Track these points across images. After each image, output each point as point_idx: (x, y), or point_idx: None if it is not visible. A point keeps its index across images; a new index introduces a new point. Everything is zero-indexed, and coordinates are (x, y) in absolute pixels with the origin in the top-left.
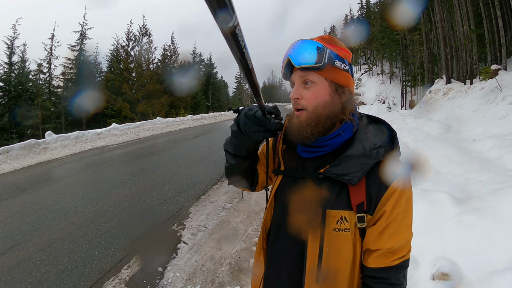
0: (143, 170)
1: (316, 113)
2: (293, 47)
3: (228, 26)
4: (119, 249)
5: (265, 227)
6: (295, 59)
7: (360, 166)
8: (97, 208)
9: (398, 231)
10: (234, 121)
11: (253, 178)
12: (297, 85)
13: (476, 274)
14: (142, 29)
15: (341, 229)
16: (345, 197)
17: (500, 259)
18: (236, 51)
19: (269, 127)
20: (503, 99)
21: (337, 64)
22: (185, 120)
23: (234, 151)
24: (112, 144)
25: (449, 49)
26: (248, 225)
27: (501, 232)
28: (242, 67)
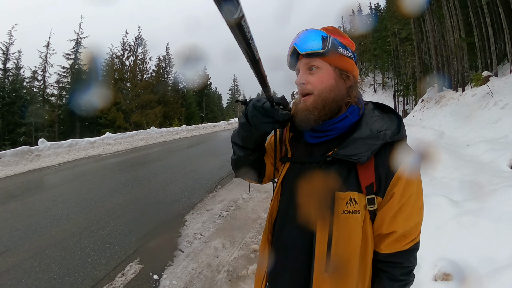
0: (137, 179)
1: (322, 96)
2: (298, 36)
3: (233, 17)
4: (113, 257)
5: (271, 217)
6: (300, 47)
7: (368, 147)
8: (90, 215)
9: (411, 214)
10: (242, 113)
11: (261, 169)
12: (303, 71)
13: (478, 272)
14: (138, 39)
15: (351, 211)
16: (353, 179)
17: (503, 256)
18: (243, 43)
19: (278, 118)
20: (495, 104)
21: (341, 50)
22: (179, 130)
23: (242, 143)
24: (105, 153)
25: (441, 58)
26: (245, 232)
27: (500, 230)
28: (249, 59)
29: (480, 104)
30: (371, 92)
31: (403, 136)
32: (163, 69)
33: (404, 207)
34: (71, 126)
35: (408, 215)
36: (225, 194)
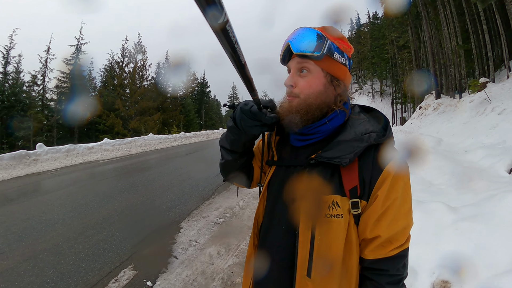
0: (134, 185)
1: (307, 101)
2: (295, 33)
3: (218, 22)
4: (107, 263)
5: (257, 221)
6: (294, 46)
7: (352, 149)
8: (85, 220)
9: (396, 218)
10: (230, 117)
11: (249, 174)
12: (293, 72)
13: (477, 278)
14: (137, 46)
15: (333, 215)
16: (337, 182)
17: (502, 262)
18: (228, 47)
19: (265, 122)
20: (493, 110)
21: (336, 56)
22: (178, 137)
23: (230, 147)
24: (103, 159)
25: (438, 65)
26: (241, 240)
27: (499, 235)
28: (235, 63)
29: (477, 110)
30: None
31: (388, 138)
32: (162, 76)
33: (389, 211)
34: (70, 131)
35: (393, 219)
36: (222, 201)
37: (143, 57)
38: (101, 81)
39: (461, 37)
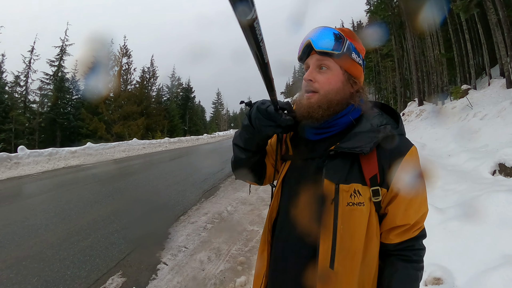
0: (119, 190)
1: (327, 97)
2: (315, 31)
3: (246, 18)
4: (93, 270)
5: (271, 217)
6: (315, 42)
7: (370, 139)
8: (70, 226)
9: (420, 205)
10: (246, 115)
11: (261, 171)
12: (312, 68)
13: (468, 275)
14: (123, 49)
15: (355, 203)
16: (357, 171)
17: (490, 258)
18: (253, 44)
19: (280, 123)
20: (475, 116)
21: (353, 56)
22: (162, 142)
23: (244, 145)
24: (86, 164)
25: (421, 73)
26: (231, 245)
27: (486, 233)
28: (258, 61)
29: (460, 116)
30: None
31: (402, 131)
32: (147, 80)
33: (414, 200)
34: (52, 135)
35: (419, 206)
36: (209, 206)
37: (128, 61)
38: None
39: (443, 46)
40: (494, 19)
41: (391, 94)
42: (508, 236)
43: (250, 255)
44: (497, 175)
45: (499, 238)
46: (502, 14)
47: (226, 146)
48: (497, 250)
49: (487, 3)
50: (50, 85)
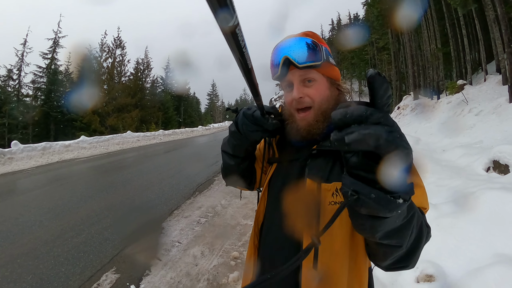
0: (113, 185)
1: (322, 108)
2: (288, 45)
3: (228, 25)
4: (88, 266)
5: (258, 220)
6: (295, 58)
7: None
8: (63, 222)
9: None
10: (233, 121)
11: (251, 177)
12: (298, 84)
13: (460, 272)
14: (116, 41)
15: (337, 202)
16: (339, 169)
17: (483, 256)
18: (236, 51)
19: (267, 128)
20: (470, 111)
21: (331, 60)
22: (156, 135)
23: (232, 152)
24: (80, 157)
25: (417, 67)
26: (224, 239)
27: (479, 231)
28: (242, 67)
29: (455, 111)
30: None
31: None
32: (141, 72)
33: None
34: (46, 129)
35: None
36: (203, 200)
37: (122, 52)
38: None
39: (440, 41)
40: (492, 15)
41: None
42: (501, 235)
43: (244, 250)
44: (491, 172)
45: (491, 236)
46: (500, 11)
47: (221, 138)
48: (489, 248)
49: None
50: (43, 78)
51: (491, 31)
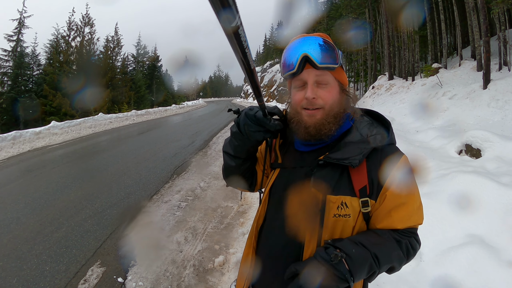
0: (88, 171)
1: (333, 111)
2: (308, 43)
3: (231, 26)
4: (72, 262)
5: (257, 224)
6: (316, 58)
7: (360, 151)
8: (42, 217)
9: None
10: (234, 122)
11: (252, 178)
12: (312, 85)
13: (434, 252)
14: (85, 18)
15: (341, 215)
16: (345, 182)
17: (456, 236)
18: (239, 51)
19: (269, 128)
20: (444, 94)
21: (343, 66)
22: (129, 116)
23: (234, 153)
24: (52, 144)
25: (392, 48)
26: (206, 223)
27: (451, 212)
28: (244, 67)
29: (429, 94)
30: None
31: (392, 140)
32: (111, 50)
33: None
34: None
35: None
36: (182, 183)
37: (91, 30)
38: (46, 58)
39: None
40: (471, 3)
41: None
42: (472, 217)
43: (226, 233)
44: (463, 155)
45: (463, 218)
46: (480, 0)
47: (195, 117)
48: (461, 229)
49: None
50: (9, 62)
51: (469, 18)
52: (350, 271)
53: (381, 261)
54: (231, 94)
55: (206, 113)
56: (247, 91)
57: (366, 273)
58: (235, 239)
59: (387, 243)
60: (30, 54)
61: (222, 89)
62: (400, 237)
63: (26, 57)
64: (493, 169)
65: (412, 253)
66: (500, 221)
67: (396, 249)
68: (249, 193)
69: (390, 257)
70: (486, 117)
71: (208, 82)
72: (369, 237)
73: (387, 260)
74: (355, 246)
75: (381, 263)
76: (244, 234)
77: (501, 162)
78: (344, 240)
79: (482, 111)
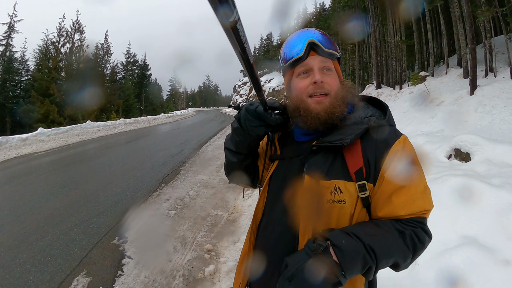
0: (75, 179)
1: (338, 96)
2: (312, 32)
3: (229, 21)
4: (57, 271)
5: (256, 217)
6: (324, 44)
7: (352, 131)
8: (26, 224)
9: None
10: (235, 118)
11: (254, 174)
12: (317, 70)
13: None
14: (75, 25)
15: (335, 201)
16: (339, 166)
17: (450, 238)
18: (237, 46)
19: (270, 122)
20: (432, 101)
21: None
22: (117, 124)
23: (235, 148)
24: (39, 151)
25: (380, 58)
26: (196, 232)
27: (446, 215)
28: (243, 62)
29: (417, 101)
30: None
31: (390, 121)
32: (100, 57)
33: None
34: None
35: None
36: (171, 192)
37: (80, 37)
38: (35, 63)
39: (405, 33)
40: (457, 13)
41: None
42: (465, 218)
43: (217, 242)
44: (452, 159)
45: (456, 220)
46: (466, 9)
47: (184, 126)
48: (455, 231)
49: None
50: None
51: (455, 27)
52: (340, 264)
53: (378, 254)
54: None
55: (195, 122)
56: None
57: (360, 267)
58: (226, 248)
59: (386, 234)
60: (19, 59)
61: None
62: (404, 227)
63: (14, 62)
64: (483, 171)
65: (420, 246)
66: (493, 222)
67: (398, 241)
68: (239, 202)
69: (389, 250)
70: (474, 122)
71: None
72: (365, 227)
73: (386, 254)
74: (346, 237)
75: (379, 256)
76: (235, 242)
77: (491, 165)
78: (335, 231)
79: (470, 116)
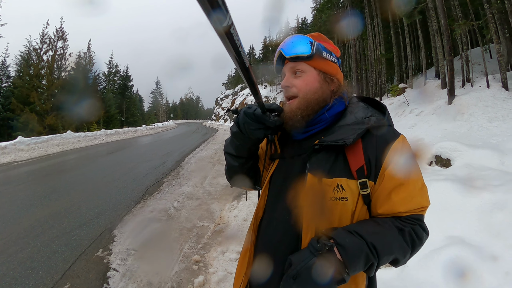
0: (55, 190)
1: (306, 98)
2: (285, 41)
3: (222, 26)
4: (38, 285)
5: (257, 216)
6: (286, 51)
7: (354, 131)
8: (5, 236)
9: (413, 194)
10: (234, 122)
11: (256, 176)
12: (288, 75)
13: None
14: (59, 32)
15: (338, 198)
16: (341, 164)
17: (436, 240)
18: (232, 51)
19: (269, 125)
20: (411, 112)
21: (325, 55)
22: (98, 135)
23: (236, 153)
24: (18, 161)
25: (360, 71)
26: (182, 243)
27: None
28: (239, 66)
29: (397, 112)
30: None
31: (389, 122)
32: (82, 66)
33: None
34: None
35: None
36: (154, 203)
37: (63, 45)
38: (16, 70)
39: (384, 47)
40: (435, 27)
41: None
42: (450, 220)
43: (204, 253)
44: (433, 165)
45: (441, 222)
46: (444, 23)
47: (166, 138)
48: (441, 232)
49: (429, 12)
50: None
51: (433, 40)
52: (344, 262)
53: (379, 251)
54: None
55: (177, 135)
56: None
57: (363, 265)
58: (215, 258)
59: (387, 231)
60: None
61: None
62: (403, 225)
63: None
64: (464, 175)
65: (418, 243)
66: (477, 221)
67: (398, 238)
68: (225, 212)
69: (390, 247)
70: (453, 129)
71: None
72: (366, 225)
73: (387, 251)
74: (349, 235)
75: (380, 253)
76: (224, 252)
77: (472, 169)
78: (338, 229)
79: (449, 124)
